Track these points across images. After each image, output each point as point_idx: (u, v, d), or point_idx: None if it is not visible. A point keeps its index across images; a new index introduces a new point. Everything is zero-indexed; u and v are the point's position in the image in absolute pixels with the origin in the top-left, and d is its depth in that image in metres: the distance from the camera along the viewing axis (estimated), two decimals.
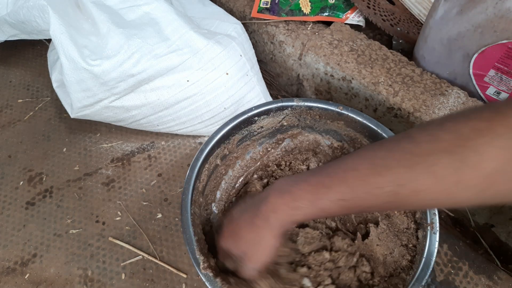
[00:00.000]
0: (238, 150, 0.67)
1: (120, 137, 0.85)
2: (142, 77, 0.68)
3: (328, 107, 0.62)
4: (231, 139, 0.64)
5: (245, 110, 0.63)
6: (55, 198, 0.76)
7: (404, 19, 0.80)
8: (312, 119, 0.66)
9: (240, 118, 0.62)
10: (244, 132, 0.65)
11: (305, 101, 0.63)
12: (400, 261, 0.54)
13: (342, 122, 0.63)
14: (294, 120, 0.67)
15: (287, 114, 0.65)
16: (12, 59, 1.00)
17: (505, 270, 0.65)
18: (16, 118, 0.88)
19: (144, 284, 0.65)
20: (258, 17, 0.82)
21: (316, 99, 0.63)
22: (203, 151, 0.59)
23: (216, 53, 0.70)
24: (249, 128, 0.65)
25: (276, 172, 0.69)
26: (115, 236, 0.71)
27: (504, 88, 0.63)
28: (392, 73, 0.68)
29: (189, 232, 0.51)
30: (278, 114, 0.65)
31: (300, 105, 0.63)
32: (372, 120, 0.60)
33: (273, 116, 0.65)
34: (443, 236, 0.68)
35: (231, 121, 0.62)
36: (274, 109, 0.64)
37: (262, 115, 0.64)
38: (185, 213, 0.53)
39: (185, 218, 0.52)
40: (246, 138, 0.66)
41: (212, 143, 0.60)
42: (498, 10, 0.55)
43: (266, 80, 0.85)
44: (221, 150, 0.63)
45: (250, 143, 0.68)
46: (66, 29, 0.67)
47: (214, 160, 0.63)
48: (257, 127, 0.65)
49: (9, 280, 0.66)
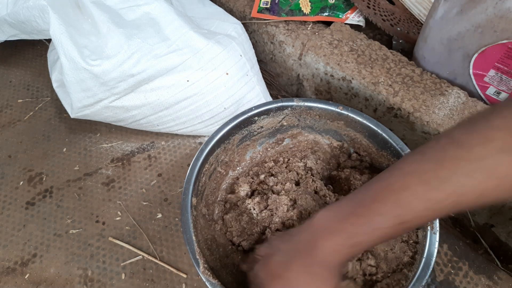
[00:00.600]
0: (238, 150, 0.67)
1: (120, 137, 0.85)
2: (142, 77, 0.68)
3: (328, 107, 0.62)
4: (231, 139, 0.64)
5: (245, 110, 0.63)
6: (55, 198, 0.76)
7: (404, 19, 0.80)
8: (312, 119, 0.66)
9: (240, 118, 0.62)
10: (244, 132, 0.65)
11: (305, 101, 0.63)
12: (401, 257, 0.54)
13: (342, 122, 0.63)
14: (294, 120, 0.67)
15: (287, 114, 0.65)
16: (12, 59, 1.00)
17: (505, 270, 0.65)
18: (16, 118, 0.88)
19: (144, 284, 0.65)
20: (258, 17, 0.82)
21: (316, 99, 0.63)
22: (203, 151, 0.59)
23: (216, 53, 0.70)
24: (249, 128, 0.65)
25: (273, 168, 0.68)
26: (115, 236, 0.71)
27: (504, 88, 0.63)
28: (392, 73, 0.68)
29: (189, 232, 0.51)
30: (278, 114, 0.65)
31: (300, 105, 0.63)
32: (372, 120, 0.60)
33: (273, 116, 0.65)
34: (443, 236, 0.68)
35: (231, 121, 0.62)
36: (274, 109, 0.64)
37: (262, 115, 0.64)
38: (185, 213, 0.53)
39: (185, 218, 0.53)
40: (246, 138, 0.66)
41: (212, 143, 0.60)
42: (498, 10, 0.55)
43: (266, 80, 0.85)
44: (221, 150, 0.63)
45: (250, 143, 0.68)
46: (66, 29, 0.67)
47: (214, 161, 0.63)
48: (257, 127, 0.66)
49: (9, 280, 0.66)
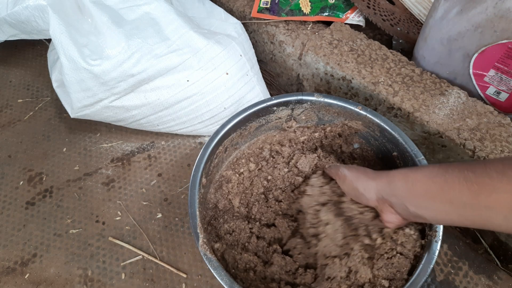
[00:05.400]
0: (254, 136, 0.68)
1: (120, 137, 0.85)
2: (142, 77, 0.68)
3: (348, 105, 0.62)
4: (248, 126, 0.65)
5: (265, 99, 0.63)
6: (55, 198, 0.76)
7: (404, 19, 0.80)
8: (331, 116, 0.66)
9: (260, 105, 0.63)
10: (261, 121, 0.66)
11: (325, 97, 0.63)
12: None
13: (360, 122, 0.63)
14: (313, 115, 0.67)
15: (306, 108, 0.65)
16: (12, 59, 1.00)
17: (505, 270, 0.65)
18: (16, 118, 0.88)
19: (144, 284, 0.65)
20: (258, 17, 0.82)
21: (336, 96, 0.63)
22: (219, 133, 0.60)
23: (216, 53, 0.70)
24: (267, 117, 0.65)
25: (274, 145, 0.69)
26: (115, 236, 0.71)
27: (504, 88, 0.63)
28: (392, 73, 0.68)
29: (194, 207, 0.53)
30: (297, 107, 0.65)
31: (320, 101, 0.63)
32: (389, 123, 0.60)
33: (291, 108, 0.65)
34: (443, 236, 0.68)
35: (250, 107, 0.63)
36: (293, 101, 0.64)
37: (281, 105, 0.64)
38: (193, 188, 0.55)
39: (192, 194, 0.54)
40: (263, 127, 0.67)
41: (228, 126, 0.61)
42: (498, 10, 0.55)
43: (266, 80, 0.85)
44: (236, 135, 0.64)
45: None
46: (66, 29, 0.67)
47: (229, 144, 0.64)
48: (275, 118, 0.66)
49: (9, 280, 0.66)
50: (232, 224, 0.60)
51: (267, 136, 0.69)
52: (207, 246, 0.50)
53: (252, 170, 0.67)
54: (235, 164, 0.67)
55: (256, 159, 0.68)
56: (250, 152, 0.69)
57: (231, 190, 0.64)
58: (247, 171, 0.67)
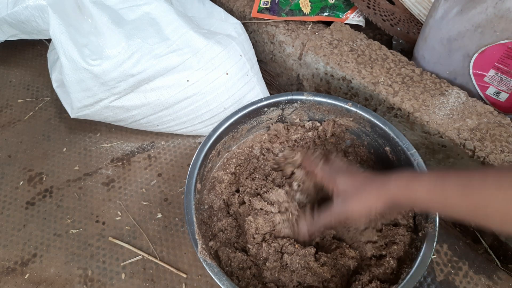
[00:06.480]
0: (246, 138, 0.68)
1: (120, 137, 0.85)
2: (142, 77, 0.68)
3: (338, 103, 0.63)
4: (239, 128, 0.65)
5: (255, 100, 0.63)
6: (55, 198, 0.76)
7: (404, 19, 0.80)
8: (321, 114, 0.66)
9: (250, 108, 0.63)
10: (253, 123, 0.66)
11: (315, 96, 0.63)
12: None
13: (351, 119, 0.63)
14: (304, 114, 0.67)
15: (297, 108, 0.65)
16: (12, 59, 1.00)
17: (505, 270, 0.65)
18: (16, 118, 0.89)
19: (144, 284, 0.65)
20: (258, 17, 0.82)
21: (325, 94, 0.64)
22: (211, 137, 0.60)
23: (216, 53, 0.70)
24: (258, 119, 0.65)
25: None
26: (115, 236, 0.71)
27: (504, 88, 0.63)
28: (392, 73, 0.68)
29: (190, 213, 0.53)
30: (288, 107, 0.65)
31: (310, 99, 0.63)
32: (380, 118, 0.60)
33: (282, 108, 0.65)
34: (443, 236, 0.68)
35: (240, 110, 0.62)
36: (284, 101, 0.64)
37: (272, 106, 0.64)
38: (189, 195, 0.54)
39: (188, 200, 0.54)
40: (254, 129, 0.67)
41: (220, 130, 0.61)
42: (498, 10, 0.55)
43: (266, 80, 0.85)
44: (229, 138, 0.64)
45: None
46: (66, 29, 0.67)
47: (221, 148, 0.63)
48: (266, 119, 0.66)
49: (9, 280, 0.66)
50: (224, 222, 0.60)
51: (257, 135, 0.70)
52: (206, 252, 0.50)
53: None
54: (226, 164, 0.67)
55: (247, 157, 0.69)
56: (240, 151, 0.69)
57: (224, 190, 0.64)
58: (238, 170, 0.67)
